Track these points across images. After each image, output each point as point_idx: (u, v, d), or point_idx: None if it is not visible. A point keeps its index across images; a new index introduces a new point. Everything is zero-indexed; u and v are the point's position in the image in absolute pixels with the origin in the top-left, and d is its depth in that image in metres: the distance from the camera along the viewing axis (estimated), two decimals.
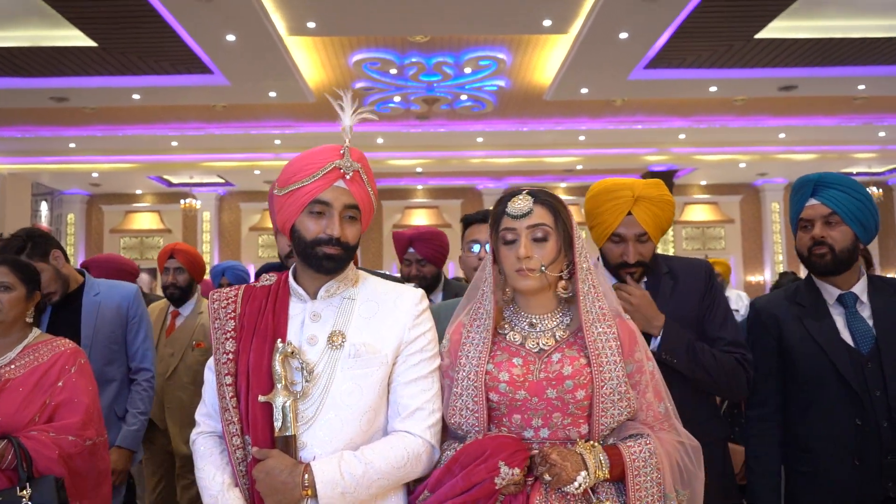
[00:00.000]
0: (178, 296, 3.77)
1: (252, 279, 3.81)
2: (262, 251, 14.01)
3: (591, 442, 1.56)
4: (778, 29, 7.10)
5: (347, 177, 1.58)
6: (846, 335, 2.02)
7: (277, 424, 1.52)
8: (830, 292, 2.08)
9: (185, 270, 3.76)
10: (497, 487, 1.49)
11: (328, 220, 1.57)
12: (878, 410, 1.93)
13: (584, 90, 8.70)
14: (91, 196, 14.17)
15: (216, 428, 1.65)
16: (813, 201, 2.07)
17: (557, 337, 1.64)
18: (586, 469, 1.50)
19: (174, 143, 11.01)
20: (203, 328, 3.74)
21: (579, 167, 12.63)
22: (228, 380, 1.59)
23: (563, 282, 1.65)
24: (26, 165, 11.76)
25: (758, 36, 7.18)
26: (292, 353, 1.55)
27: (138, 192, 14.19)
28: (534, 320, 1.66)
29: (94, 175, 12.54)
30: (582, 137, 11.18)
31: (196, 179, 13.31)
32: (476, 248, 2.48)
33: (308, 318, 1.62)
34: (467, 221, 2.60)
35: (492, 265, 1.69)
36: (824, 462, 1.99)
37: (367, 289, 1.68)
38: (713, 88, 8.74)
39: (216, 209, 14.16)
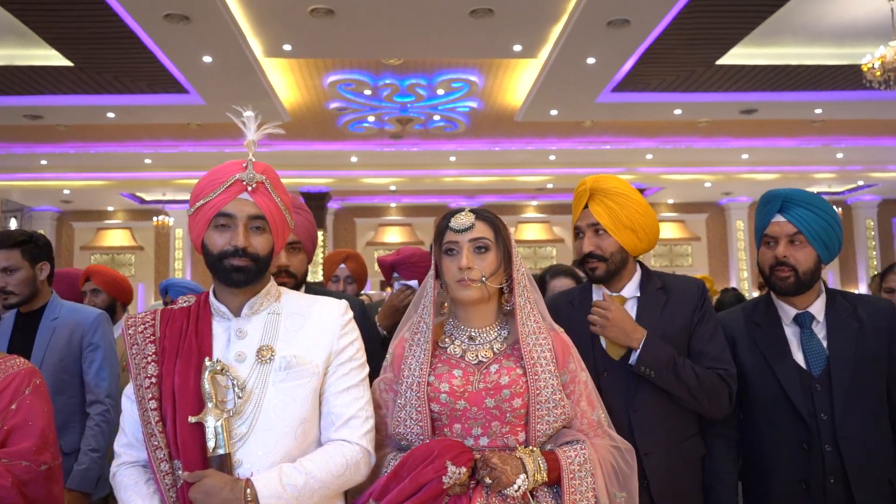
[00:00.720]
0: None
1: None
2: None
3: (531, 447, 1.62)
4: (738, 55, 7.40)
5: (250, 188, 1.57)
6: (799, 356, 1.99)
7: (210, 444, 1.49)
8: (787, 312, 2.05)
9: (103, 292, 3.70)
10: (445, 486, 1.53)
11: (232, 231, 1.57)
12: (822, 434, 1.90)
13: (554, 112, 8.94)
14: (61, 213, 14.05)
15: (139, 457, 1.60)
16: (779, 218, 2.02)
17: (495, 349, 1.70)
18: (526, 473, 1.56)
19: (147, 161, 11.02)
20: None
21: (550, 186, 12.88)
22: (153, 404, 1.55)
23: (506, 295, 1.73)
24: None
25: (719, 62, 7.47)
26: (221, 370, 1.53)
27: (110, 208, 14.11)
28: (473, 333, 1.73)
29: (66, 192, 12.47)
30: (552, 157, 11.42)
31: (169, 196, 13.29)
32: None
33: (234, 336, 1.61)
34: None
35: (433, 280, 1.74)
36: (776, 484, 1.98)
37: (291, 302, 1.68)
38: (677, 111, 9.04)
39: (188, 227, 14.12)
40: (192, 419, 1.49)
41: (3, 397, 2.00)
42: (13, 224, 13.29)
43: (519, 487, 1.55)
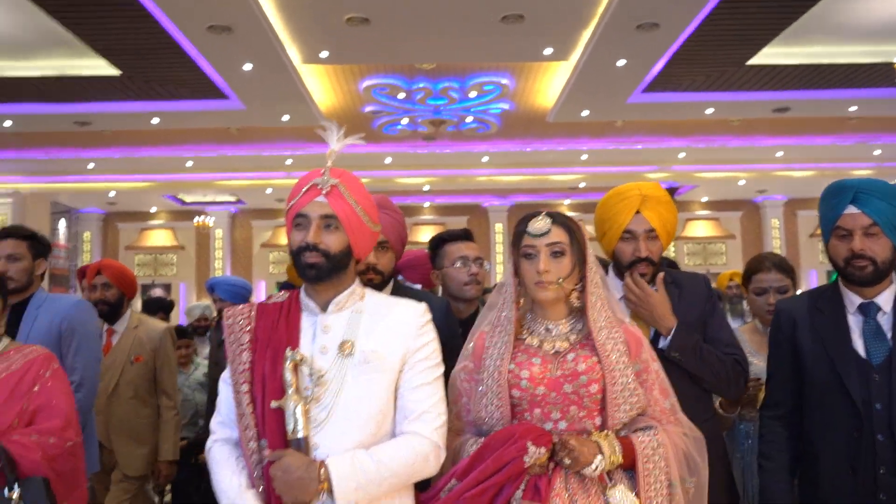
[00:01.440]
0: (107, 312, 3.72)
1: (258, 294, 4.11)
2: (273, 267, 14.32)
3: (606, 431, 1.72)
4: (769, 55, 7.40)
5: (324, 192, 1.70)
6: (859, 345, 1.98)
7: (289, 427, 1.61)
8: (852, 300, 2.04)
9: (113, 286, 3.78)
10: (525, 466, 1.63)
11: (306, 230, 1.70)
12: (875, 423, 1.90)
13: (585, 113, 9.03)
14: (107, 214, 14.55)
15: (231, 435, 1.74)
16: (852, 209, 1.96)
17: (571, 340, 1.81)
18: (602, 454, 1.65)
19: (189, 164, 11.38)
20: (140, 342, 3.74)
21: (582, 185, 12.94)
22: (245, 388, 1.70)
23: (576, 293, 1.83)
24: (46, 185, 12.16)
25: (749, 62, 7.49)
26: (301, 360, 1.65)
27: (153, 209, 14.56)
28: (549, 326, 1.83)
29: (111, 194, 12.92)
30: (584, 157, 11.50)
31: (209, 198, 13.68)
32: (458, 264, 2.73)
33: (319, 330, 1.73)
34: (448, 239, 2.81)
35: (512, 278, 1.85)
36: (824, 467, 1.99)
37: (374, 303, 1.80)
38: (709, 110, 9.06)
39: (228, 227, 14.51)
40: (273, 404, 1.62)
41: (25, 381, 2.17)
42: (62, 225, 13.81)
43: (596, 468, 1.64)
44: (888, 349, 1.94)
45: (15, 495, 1.92)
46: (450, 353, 1.86)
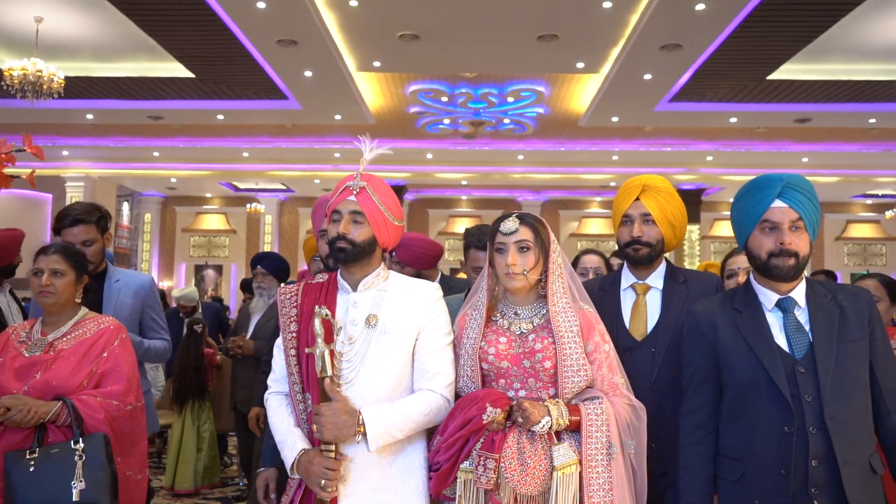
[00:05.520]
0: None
1: (301, 270, 4.53)
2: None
3: (557, 399, 1.97)
4: (789, 71, 7.95)
5: (355, 192, 1.99)
6: (781, 340, 1.97)
7: (318, 368, 1.88)
8: (769, 297, 2.01)
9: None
10: (484, 422, 1.89)
11: (338, 223, 1.99)
12: (807, 416, 1.88)
13: (615, 119, 9.66)
14: (166, 198, 15.60)
15: (283, 389, 2.07)
16: (780, 203, 1.96)
17: (534, 323, 2.06)
18: (550, 416, 1.90)
19: (245, 154, 12.28)
20: None
21: (613, 184, 13.51)
22: (293, 352, 2.00)
23: (542, 282, 2.07)
24: (114, 171, 13.18)
25: (770, 77, 8.05)
26: (326, 315, 1.91)
27: (208, 195, 15.56)
28: (518, 310, 2.09)
29: (173, 180, 13.92)
30: (615, 157, 12.10)
31: (261, 186, 14.59)
32: (474, 273, 2.82)
33: (350, 305, 2.01)
34: (473, 245, 2.90)
35: (488, 269, 2.11)
36: (753, 470, 1.95)
37: (396, 283, 2.07)
38: (733, 119, 9.62)
39: (277, 213, 15.45)
40: (307, 350, 1.93)
41: (96, 347, 2.38)
42: (125, 207, 14.86)
43: (543, 426, 1.89)
44: (808, 342, 1.95)
45: (80, 447, 2.18)
46: None
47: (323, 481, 1.83)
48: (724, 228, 15.10)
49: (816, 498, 1.86)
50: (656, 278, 2.38)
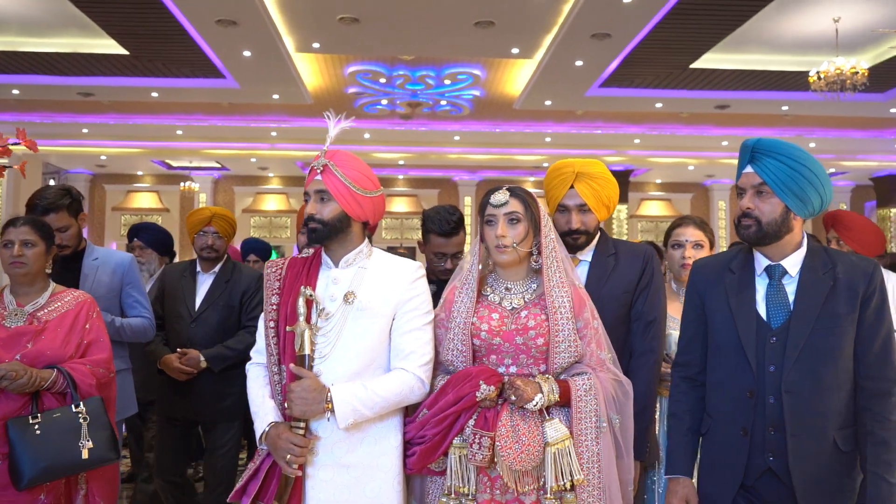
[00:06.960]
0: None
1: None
2: (255, 231, 15.13)
3: (547, 375, 1.95)
4: (709, 60, 8.42)
5: (319, 170, 1.99)
6: (761, 307, 1.97)
7: (297, 346, 1.90)
8: (760, 262, 2.01)
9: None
10: (477, 399, 1.88)
11: (308, 203, 2.01)
12: (767, 385, 1.90)
13: (548, 102, 10.01)
14: (94, 175, 15.18)
15: (263, 360, 2.05)
16: (748, 169, 1.96)
17: (526, 299, 2.03)
18: (542, 393, 1.89)
19: (179, 132, 12.10)
20: None
21: (546, 164, 13.87)
22: (272, 324, 2.01)
23: (535, 256, 2.03)
24: (42, 148, 12.73)
25: (693, 66, 8.52)
26: (311, 295, 1.93)
27: (139, 173, 15.22)
28: (509, 286, 2.06)
29: (102, 157, 13.57)
30: (548, 139, 12.48)
31: (195, 164, 14.37)
32: (435, 258, 2.81)
33: (330, 281, 2.01)
34: (433, 231, 2.80)
35: (478, 243, 2.07)
36: (717, 427, 2.02)
37: (377, 261, 2.06)
38: (659, 105, 10.10)
39: (212, 191, 15.25)
40: (288, 328, 1.95)
41: (80, 319, 2.48)
42: (51, 184, 14.40)
43: (536, 403, 1.88)
44: (788, 313, 1.93)
45: (83, 410, 2.33)
46: None
47: (289, 456, 1.84)
48: (652, 208, 15.79)
49: (772, 464, 1.90)
50: (587, 252, 2.44)
